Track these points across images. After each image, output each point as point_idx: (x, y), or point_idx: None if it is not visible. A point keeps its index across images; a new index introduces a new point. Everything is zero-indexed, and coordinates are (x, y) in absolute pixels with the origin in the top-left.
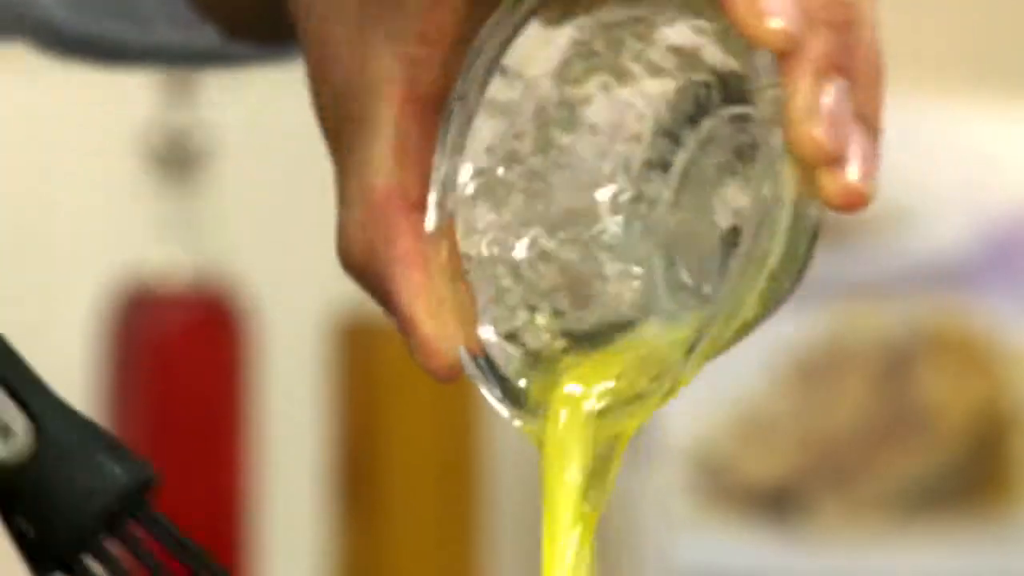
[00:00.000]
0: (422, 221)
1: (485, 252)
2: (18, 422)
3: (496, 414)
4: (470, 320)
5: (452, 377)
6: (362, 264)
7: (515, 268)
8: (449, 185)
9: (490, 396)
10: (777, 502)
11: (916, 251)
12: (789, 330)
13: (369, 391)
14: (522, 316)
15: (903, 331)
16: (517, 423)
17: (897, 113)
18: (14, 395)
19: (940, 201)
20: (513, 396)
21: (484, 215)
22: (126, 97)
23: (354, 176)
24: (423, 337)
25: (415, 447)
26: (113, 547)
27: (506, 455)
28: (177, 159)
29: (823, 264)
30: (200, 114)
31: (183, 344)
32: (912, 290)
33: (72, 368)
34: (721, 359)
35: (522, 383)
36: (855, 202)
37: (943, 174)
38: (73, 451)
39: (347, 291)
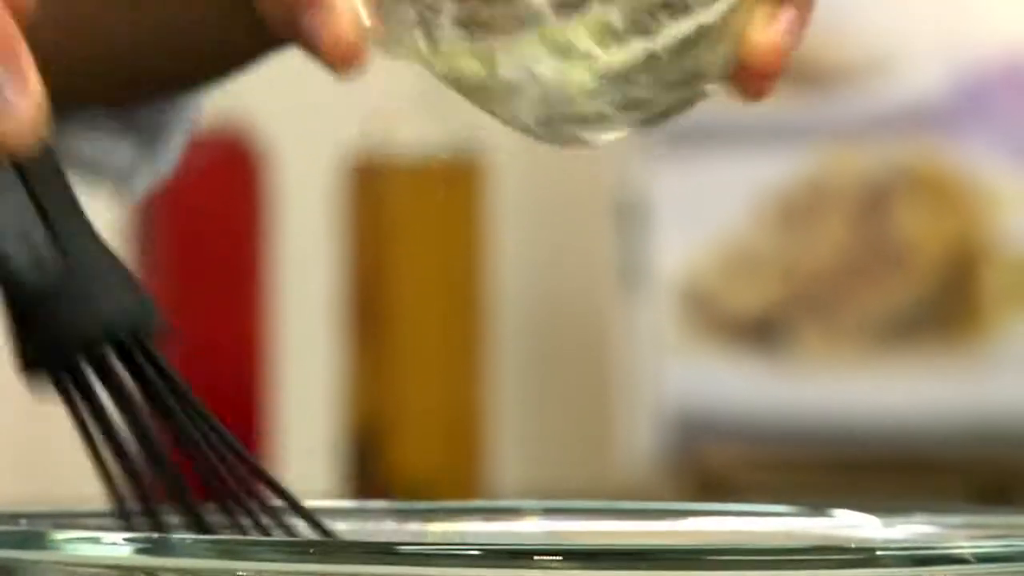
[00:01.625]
0: None
1: None
2: (49, 252)
3: (504, 251)
4: None
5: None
6: None
7: None
8: None
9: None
10: (761, 332)
11: (894, 96)
12: (772, 171)
13: (379, 228)
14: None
15: (881, 172)
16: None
17: None
18: (48, 223)
19: (917, 47)
20: None
21: None
22: None
23: None
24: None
25: (424, 282)
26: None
27: (512, 291)
28: None
29: (805, 109)
30: None
31: (200, 185)
32: (890, 133)
33: (90, 211)
34: (708, 199)
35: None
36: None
37: (920, 20)
38: (94, 280)
39: (359, 132)
